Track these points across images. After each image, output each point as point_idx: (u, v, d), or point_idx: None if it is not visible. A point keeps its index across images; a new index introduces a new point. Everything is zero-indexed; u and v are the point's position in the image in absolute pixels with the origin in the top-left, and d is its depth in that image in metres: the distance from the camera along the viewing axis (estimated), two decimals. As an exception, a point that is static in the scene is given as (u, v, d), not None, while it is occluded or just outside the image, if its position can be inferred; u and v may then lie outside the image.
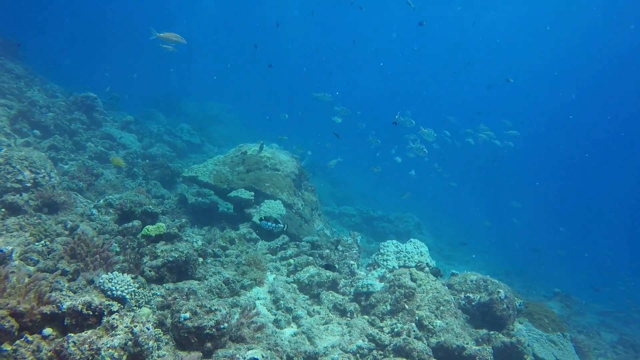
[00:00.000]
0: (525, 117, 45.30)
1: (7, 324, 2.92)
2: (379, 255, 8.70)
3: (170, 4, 62.90)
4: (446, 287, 8.13)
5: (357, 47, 62.40)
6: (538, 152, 55.20)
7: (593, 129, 55.62)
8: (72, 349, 3.13)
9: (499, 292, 7.70)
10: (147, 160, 13.99)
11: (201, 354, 4.10)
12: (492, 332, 7.24)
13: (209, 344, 4.22)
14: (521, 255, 27.52)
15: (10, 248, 4.59)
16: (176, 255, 5.92)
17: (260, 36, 61.63)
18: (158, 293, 5.32)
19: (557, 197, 50.55)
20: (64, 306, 3.56)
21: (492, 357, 6.25)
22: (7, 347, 3.10)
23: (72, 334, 3.31)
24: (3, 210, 6.57)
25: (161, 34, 8.29)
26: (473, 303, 7.94)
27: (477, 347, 6.26)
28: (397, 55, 63.39)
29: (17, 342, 3.18)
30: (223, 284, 6.29)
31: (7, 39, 15.23)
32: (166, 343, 4.15)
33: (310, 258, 8.32)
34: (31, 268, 5.15)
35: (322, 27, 65.33)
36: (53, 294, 3.70)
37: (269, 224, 8.41)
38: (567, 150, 56.57)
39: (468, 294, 8.10)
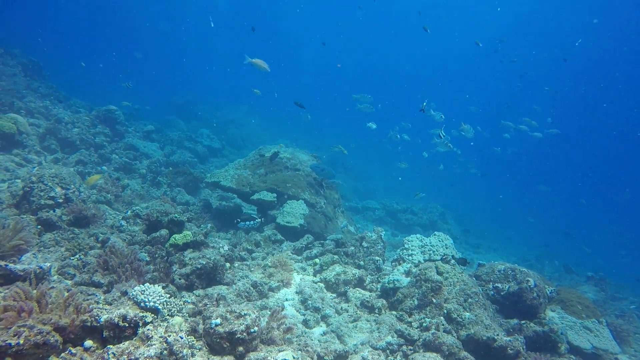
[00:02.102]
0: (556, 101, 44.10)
1: (52, 339, 3.10)
2: (404, 250, 8.70)
3: (182, 8, 63.73)
4: (474, 279, 8.08)
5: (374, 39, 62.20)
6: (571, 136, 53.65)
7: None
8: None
9: (528, 280, 7.62)
10: (170, 168, 14.31)
11: (234, 358, 4.23)
12: (523, 322, 7.16)
13: (240, 348, 4.34)
14: (553, 239, 26.97)
15: (48, 264, 4.82)
16: (204, 262, 6.08)
17: (273, 35, 62.09)
18: (189, 300, 5.48)
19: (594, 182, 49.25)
20: (102, 319, 3.73)
21: (524, 347, 6.20)
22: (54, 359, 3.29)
23: (111, 346, 3.48)
24: (39, 227, 6.86)
25: (253, 60, 8.76)
26: (502, 293, 7.87)
27: (508, 338, 6.22)
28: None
29: (63, 354, 3.37)
30: (251, 288, 6.43)
31: (32, 60, 15.79)
32: (200, 349, 4.29)
33: (336, 256, 8.39)
34: (69, 282, 5.38)
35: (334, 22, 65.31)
36: (91, 307, 3.88)
37: (247, 223, 8.66)
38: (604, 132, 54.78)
39: (496, 284, 8.03)
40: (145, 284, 4.38)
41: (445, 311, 6.81)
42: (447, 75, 61.50)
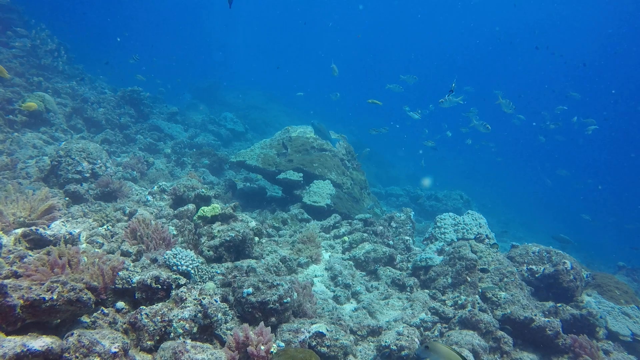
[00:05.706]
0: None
1: (85, 297, 2.96)
2: (436, 229, 8.41)
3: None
4: (507, 259, 7.77)
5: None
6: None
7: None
8: (146, 320, 3.15)
9: (564, 262, 7.28)
10: (195, 150, 14.25)
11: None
12: (559, 305, 6.84)
13: (273, 319, 4.18)
14: (576, 229, 26.16)
15: (78, 231, 4.73)
16: (233, 235, 5.92)
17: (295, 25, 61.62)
18: (218, 271, 5.34)
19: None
20: (134, 280, 3.60)
21: (561, 329, 5.92)
22: (86, 319, 3.16)
23: (144, 307, 3.34)
24: (67, 198, 6.83)
25: (333, 65, 10.85)
26: (537, 275, 7.55)
27: (547, 319, 5.94)
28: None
29: (95, 314, 3.25)
30: (280, 262, 6.25)
31: (59, 42, 15.86)
32: (232, 318, 4.14)
33: (365, 235, 8.16)
34: (97, 250, 5.30)
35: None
36: (121, 271, 3.75)
37: None
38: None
39: (531, 266, 7.72)
40: (177, 248, 4.23)
41: (480, 290, 6.54)
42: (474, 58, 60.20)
